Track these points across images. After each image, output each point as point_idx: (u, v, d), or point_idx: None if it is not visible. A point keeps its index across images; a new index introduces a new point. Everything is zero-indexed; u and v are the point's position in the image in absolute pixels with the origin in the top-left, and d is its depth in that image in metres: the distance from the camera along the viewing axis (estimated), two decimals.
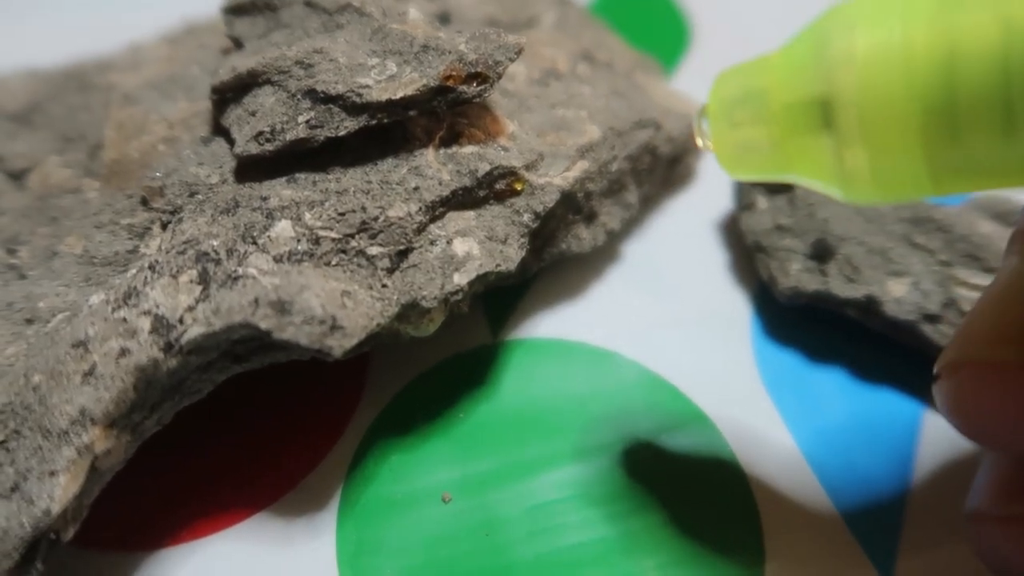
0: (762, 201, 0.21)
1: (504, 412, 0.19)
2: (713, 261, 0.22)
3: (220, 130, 0.19)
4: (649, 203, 0.24)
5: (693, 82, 0.28)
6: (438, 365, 0.20)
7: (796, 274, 0.20)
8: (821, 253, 0.20)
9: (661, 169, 0.23)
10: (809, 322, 0.21)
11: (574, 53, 0.23)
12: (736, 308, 0.21)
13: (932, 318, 0.19)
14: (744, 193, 0.22)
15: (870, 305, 0.19)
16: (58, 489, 0.13)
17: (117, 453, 0.14)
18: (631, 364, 0.20)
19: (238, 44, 0.20)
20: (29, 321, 0.16)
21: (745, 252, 0.22)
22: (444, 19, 0.24)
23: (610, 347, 0.20)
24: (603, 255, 0.22)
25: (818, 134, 0.12)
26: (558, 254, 0.20)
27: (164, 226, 0.17)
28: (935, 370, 0.13)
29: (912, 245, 0.19)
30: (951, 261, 0.19)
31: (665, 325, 0.21)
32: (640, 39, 0.29)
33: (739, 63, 0.14)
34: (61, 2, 0.29)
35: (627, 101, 0.22)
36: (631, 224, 0.23)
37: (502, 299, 0.21)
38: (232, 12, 0.20)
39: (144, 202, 0.18)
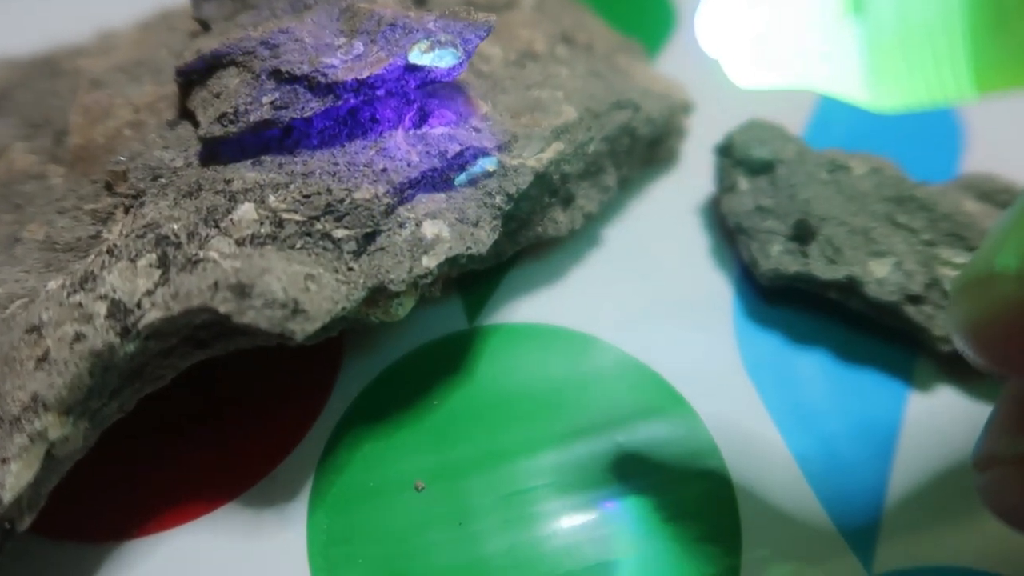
0: (743, 183, 0.21)
1: (480, 399, 0.19)
2: (694, 244, 0.22)
3: (186, 113, 0.18)
4: (629, 186, 0.23)
5: (677, 65, 0.27)
6: (413, 352, 0.20)
7: (777, 256, 0.20)
8: (802, 234, 0.19)
9: (640, 151, 0.22)
10: (791, 304, 0.20)
11: (552, 34, 0.23)
12: (717, 291, 0.21)
13: (915, 299, 0.18)
14: (725, 174, 0.21)
15: (852, 286, 0.19)
16: (10, 477, 0.13)
17: (75, 440, 0.14)
18: (610, 349, 0.20)
19: (205, 27, 0.19)
20: None
21: (727, 235, 0.22)
22: (420, 0, 0.23)
23: (589, 332, 0.20)
24: (583, 238, 0.22)
25: None
26: (534, 237, 0.20)
27: (127, 211, 0.17)
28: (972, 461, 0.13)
29: (895, 225, 0.19)
30: (935, 240, 0.19)
31: (645, 309, 0.21)
32: (624, 21, 0.29)
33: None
34: None
35: (606, 82, 0.22)
36: (611, 207, 0.22)
37: (478, 284, 0.21)
38: None
39: (108, 187, 0.17)
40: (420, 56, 0.17)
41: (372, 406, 0.19)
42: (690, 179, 0.23)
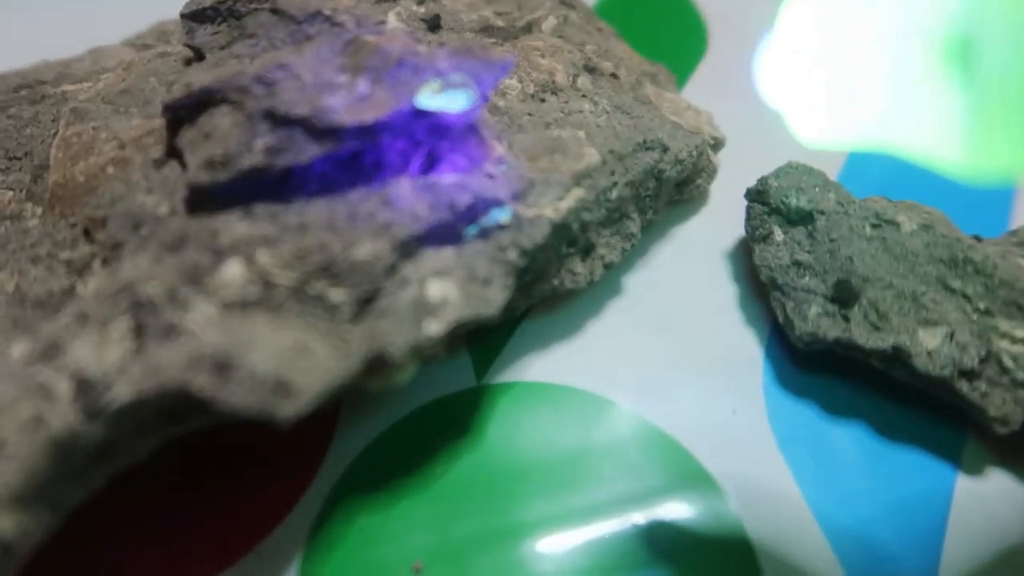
0: (778, 233, 0.19)
1: (487, 468, 0.17)
2: (722, 295, 0.20)
3: (174, 151, 0.17)
4: (653, 228, 0.22)
5: (709, 90, 0.26)
6: (415, 412, 0.18)
7: (815, 319, 0.18)
8: (844, 296, 0.18)
9: (667, 193, 0.21)
10: (827, 368, 0.19)
11: (575, 63, 0.21)
12: (747, 351, 0.19)
13: (969, 374, 0.17)
14: (759, 222, 0.20)
15: (898, 357, 0.17)
16: None
17: (34, 532, 0.13)
18: (629, 415, 0.18)
19: (199, 55, 0.18)
20: None
21: (759, 287, 0.20)
22: (434, 24, 0.22)
23: (607, 394, 0.18)
24: (601, 287, 0.20)
25: None
26: (549, 291, 0.18)
27: (105, 262, 0.15)
28: None
29: (947, 290, 0.17)
30: (992, 310, 0.17)
31: (668, 370, 0.19)
32: (652, 43, 0.27)
33: None
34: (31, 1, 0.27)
35: (632, 118, 0.20)
36: (633, 252, 0.21)
37: (488, 338, 0.19)
38: (192, 18, 0.18)
39: (86, 233, 0.16)
40: (430, 99, 0.16)
41: (369, 472, 0.17)
42: (719, 221, 0.22)
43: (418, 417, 0.18)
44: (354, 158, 0.16)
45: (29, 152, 0.18)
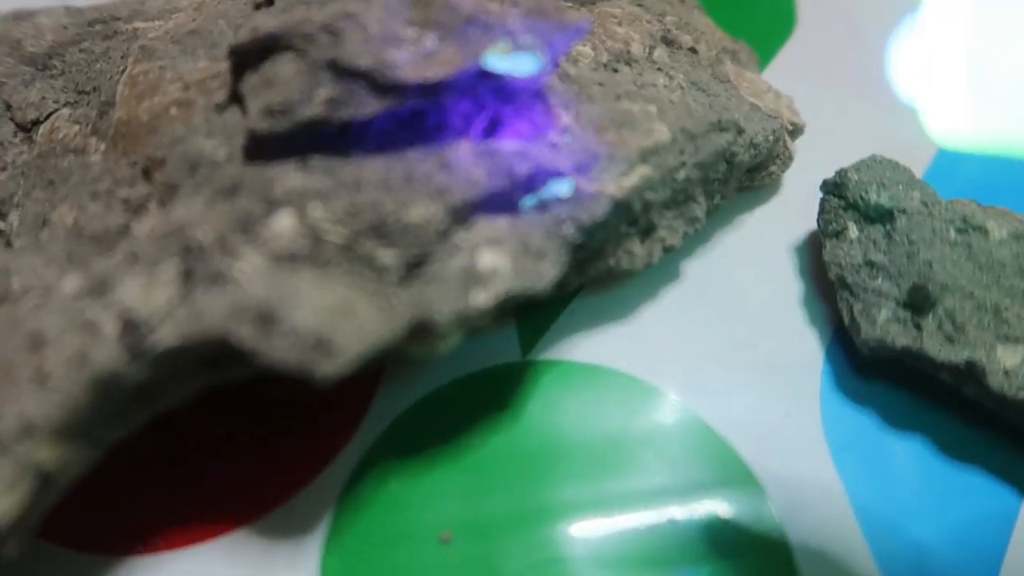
0: (854, 229, 0.18)
1: (524, 444, 0.17)
2: (786, 290, 0.19)
3: (237, 97, 0.17)
4: (718, 212, 0.21)
5: (792, 73, 0.24)
6: (456, 381, 0.18)
7: (884, 324, 0.17)
8: (918, 302, 0.17)
9: (737, 178, 0.20)
10: (890, 377, 0.18)
11: (652, 34, 0.20)
12: (807, 352, 0.18)
13: None
14: (833, 216, 0.19)
15: (972, 373, 0.16)
16: None
17: (75, 465, 0.13)
18: (676, 405, 0.18)
19: (270, 2, 0.18)
20: (1, 300, 0.14)
21: (826, 285, 0.19)
22: None
23: (654, 382, 0.18)
24: (660, 271, 0.20)
25: None
26: (605, 270, 0.18)
27: (161, 205, 0.15)
28: None
29: None
30: None
31: (721, 363, 0.18)
32: (738, 17, 0.26)
33: None
34: None
35: (707, 96, 0.19)
36: (696, 237, 0.20)
37: (537, 313, 0.19)
38: None
39: (145, 173, 0.16)
40: (498, 60, 0.15)
41: (405, 437, 0.17)
42: (791, 213, 0.21)
43: (459, 386, 0.18)
44: (415, 116, 0.16)
45: (97, 87, 0.18)
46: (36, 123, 0.18)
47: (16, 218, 0.16)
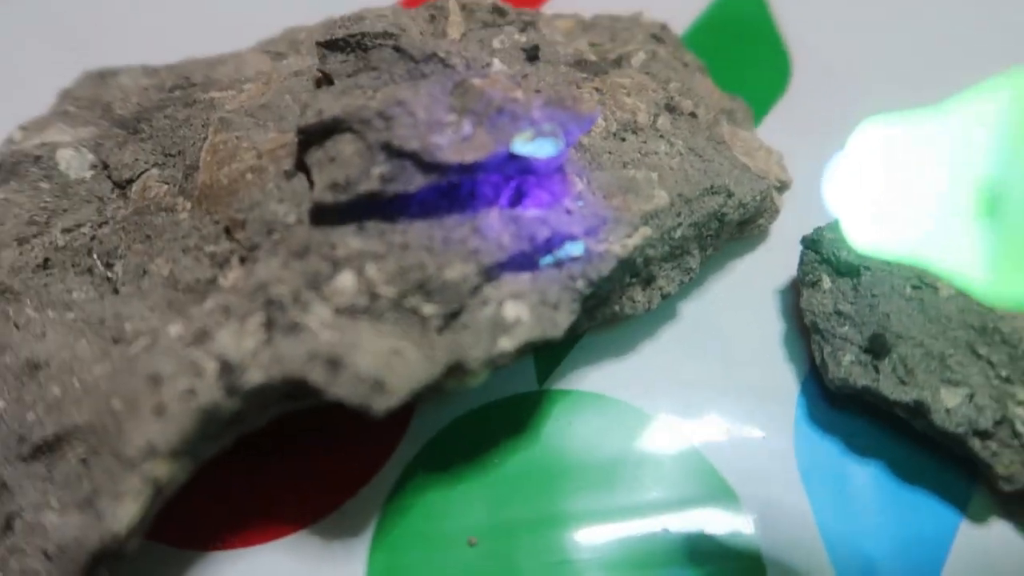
0: (827, 281, 0.21)
1: (539, 462, 0.20)
2: (769, 329, 0.22)
3: (302, 166, 0.20)
4: (712, 260, 0.24)
5: (786, 125, 0.27)
6: (483, 406, 0.21)
7: (848, 366, 0.20)
8: (877, 348, 0.19)
9: (728, 232, 0.23)
10: (855, 410, 0.21)
11: (656, 102, 0.23)
12: (784, 385, 0.21)
13: (983, 434, 0.18)
14: (810, 268, 0.22)
15: (920, 410, 0.19)
16: (124, 511, 0.15)
17: (180, 478, 0.16)
18: (669, 430, 0.21)
19: (329, 80, 0.21)
20: (115, 340, 0.18)
21: (803, 326, 0.22)
22: (532, 55, 0.24)
23: (650, 410, 0.21)
24: (658, 311, 0.22)
25: None
26: (611, 315, 0.21)
27: (242, 260, 0.19)
28: None
29: (974, 355, 0.19)
30: (1012, 378, 0.18)
31: (710, 393, 0.21)
32: (737, 72, 0.29)
33: None
34: None
35: (703, 161, 0.22)
36: (691, 283, 0.23)
37: (552, 347, 0.22)
38: (326, 47, 0.21)
39: (227, 232, 0.19)
40: (523, 145, 0.18)
41: (439, 454, 0.20)
42: (775, 258, 0.24)
43: (485, 411, 0.21)
44: (452, 187, 0.19)
45: (182, 151, 0.21)
46: (130, 181, 0.21)
47: (120, 268, 0.19)
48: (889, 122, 0.14)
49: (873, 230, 0.14)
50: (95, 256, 0.20)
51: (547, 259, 0.19)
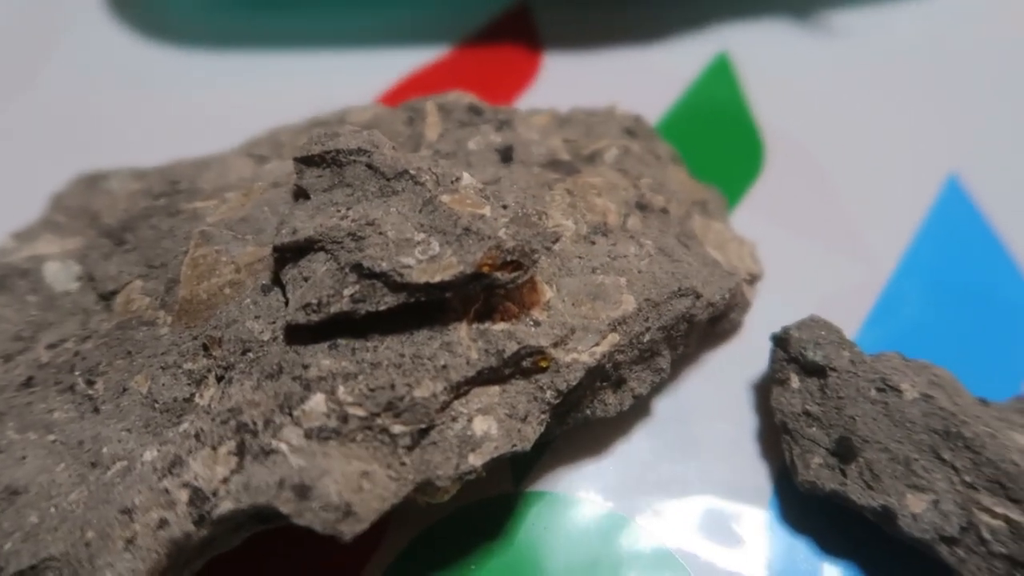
0: (795, 380, 0.21)
1: (516, 568, 0.20)
2: (742, 425, 0.23)
3: (278, 280, 0.20)
4: (685, 357, 0.24)
5: (760, 213, 0.28)
6: (459, 509, 0.21)
7: (816, 469, 0.20)
8: (844, 452, 0.20)
9: (699, 331, 0.23)
10: (828, 510, 0.21)
11: (627, 201, 0.24)
12: (758, 483, 0.22)
13: (949, 540, 0.19)
14: (779, 366, 0.22)
15: (886, 515, 0.19)
16: None
17: None
18: (643, 533, 0.21)
19: (305, 194, 0.22)
20: (93, 465, 0.18)
21: (775, 424, 0.22)
22: (506, 156, 0.25)
23: (625, 512, 0.21)
24: (631, 409, 0.23)
25: None
26: (582, 420, 0.21)
27: (219, 379, 0.19)
28: None
29: (938, 459, 0.19)
30: (976, 485, 0.19)
31: (684, 494, 0.21)
32: (712, 159, 0.29)
33: None
34: (164, 95, 0.32)
35: (672, 262, 0.23)
36: (664, 381, 0.23)
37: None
38: (303, 162, 0.22)
39: (205, 348, 0.20)
40: (489, 266, 0.19)
41: (414, 565, 0.20)
42: (748, 352, 0.24)
43: (462, 515, 0.21)
44: (421, 303, 0.20)
45: (165, 263, 0.22)
46: (114, 293, 0.22)
47: (102, 385, 0.20)
48: None
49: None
50: (77, 373, 0.20)
51: (515, 372, 0.19)
